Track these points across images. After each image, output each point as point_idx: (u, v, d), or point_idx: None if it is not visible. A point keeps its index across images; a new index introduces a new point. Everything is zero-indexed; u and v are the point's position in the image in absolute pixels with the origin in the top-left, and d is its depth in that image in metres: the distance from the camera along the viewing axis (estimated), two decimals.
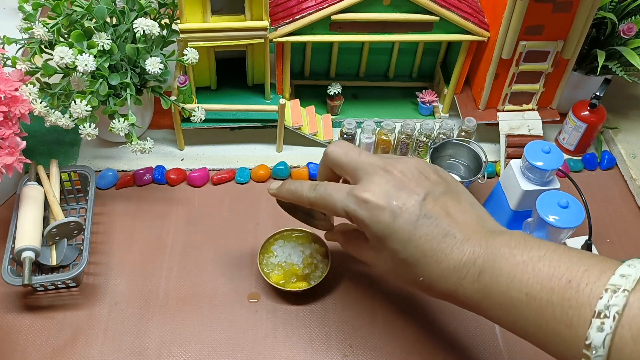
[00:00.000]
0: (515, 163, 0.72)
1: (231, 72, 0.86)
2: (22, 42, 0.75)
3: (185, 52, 0.74)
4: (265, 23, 0.75)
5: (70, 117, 0.71)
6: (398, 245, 0.51)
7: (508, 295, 0.47)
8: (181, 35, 0.74)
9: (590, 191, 0.83)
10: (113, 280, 0.71)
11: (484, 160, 0.77)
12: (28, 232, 0.67)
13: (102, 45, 0.70)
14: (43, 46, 0.74)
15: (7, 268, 0.65)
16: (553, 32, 0.77)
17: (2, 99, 0.67)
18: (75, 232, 0.70)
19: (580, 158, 0.89)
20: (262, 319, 0.69)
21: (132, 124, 0.72)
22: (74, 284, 0.69)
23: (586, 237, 0.73)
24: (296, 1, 0.78)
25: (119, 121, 0.71)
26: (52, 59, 0.69)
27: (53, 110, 0.71)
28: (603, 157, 0.88)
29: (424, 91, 0.91)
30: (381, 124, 0.84)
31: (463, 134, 0.84)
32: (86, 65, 0.67)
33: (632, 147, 0.89)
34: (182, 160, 0.85)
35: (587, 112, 0.83)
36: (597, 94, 0.82)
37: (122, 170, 0.83)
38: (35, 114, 0.70)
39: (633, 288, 0.41)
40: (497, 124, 0.85)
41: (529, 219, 0.69)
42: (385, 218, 0.51)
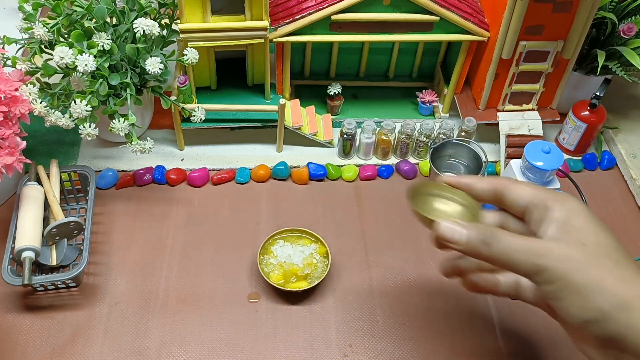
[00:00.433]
0: (515, 163, 0.72)
1: (231, 72, 0.86)
2: (22, 42, 0.75)
3: (185, 52, 0.74)
4: (265, 23, 0.75)
5: (70, 117, 0.71)
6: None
7: None
8: (181, 35, 0.74)
9: (590, 191, 0.83)
10: (113, 280, 0.71)
11: (484, 160, 0.77)
12: (28, 232, 0.67)
13: (102, 45, 0.70)
14: (43, 46, 0.74)
15: (7, 268, 0.65)
16: (553, 32, 0.77)
17: (2, 99, 0.67)
18: (75, 232, 0.70)
19: (580, 158, 0.89)
20: (262, 319, 0.69)
21: (132, 124, 0.72)
22: (74, 284, 0.69)
23: None
24: (296, 1, 0.78)
25: (119, 121, 0.71)
26: (52, 59, 0.69)
27: (53, 110, 0.71)
28: (603, 157, 0.88)
29: (424, 91, 0.91)
30: (381, 124, 0.84)
31: (463, 134, 0.84)
32: (86, 65, 0.67)
33: (632, 147, 0.89)
34: (182, 160, 0.85)
35: (587, 112, 0.83)
36: (597, 94, 0.82)
37: (122, 170, 0.83)
38: (35, 114, 0.70)
39: None
40: (497, 124, 0.85)
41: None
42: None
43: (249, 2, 0.73)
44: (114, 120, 0.71)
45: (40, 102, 0.70)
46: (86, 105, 0.69)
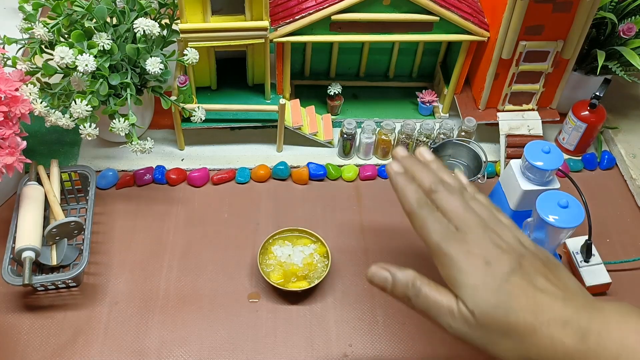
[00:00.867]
0: (515, 163, 0.72)
1: (231, 72, 0.86)
2: (23, 42, 0.75)
3: (185, 52, 0.74)
4: (266, 23, 0.75)
5: (70, 117, 0.71)
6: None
7: None
8: (181, 35, 0.74)
9: (590, 191, 0.83)
10: (113, 280, 0.71)
11: (484, 160, 0.77)
12: (28, 232, 0.67)
13: (103, 46, 0.70)
14: (43, 46, 0.74)
15: (8, 268, 0.65)
16: (553, 32, 0.77)
17: (3, 99, 0.67)
18: (76, 232, 0.70)
19: (580, 158, 0.89)
20: (262, 319, 0.69)
21: (133, 124, 0.72)
22: (74, 284, 0.70)
23: (586, 237, 0.73)
24: (296, 1, 0.78)
25: (119, 121, 0.71)
26: (53, 59, 0.69)
27: (53, 110, 0.71)
28: (603, 157, 0.88)
29: (424, 91, 0.91)
30: (381, 124, 0.84)
31: (463, 134, 0.84)
32: (86, 65, 0.67)
33: (632, 147, 0.89)
34: (182, 160, 0.85)
35: (587, 112, 0.83)
36: (597, 94, 0.82)
37: (123, 170, 0.83)
38: (35, 114, 0.70)
39: None
40: (497, 124, 0.85)
41: (529, 219, 0.69)
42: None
43: (249, 2, 0.74)
44: (114, 120, 0.71)
45: (41, 102, 0.70)
46: (86, 105, 0.69)
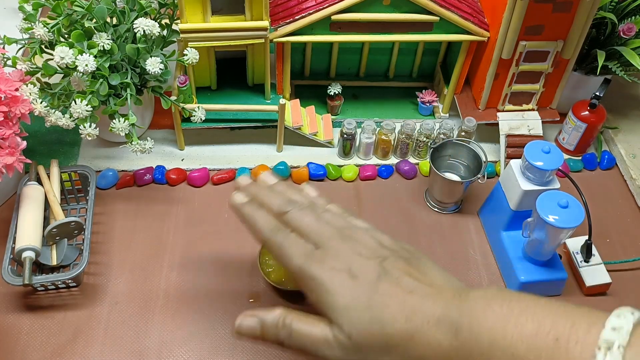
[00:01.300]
0: (515, 163, 0.72)
1: (231, 72, 0.86)
2: (23, 42, 0.75)
3: (185, 52, 0.74)
4: (266, 23, 0.75)
5: (70, 117, 0.71)
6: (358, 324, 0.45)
7: (491, 356, 0.41)
8: (181, 35, 0.74)
9: (590, 191, 0.83)
10: (113, 280, 0.71)
11: (484, 160, 0.77)
12: (28, 232, 0.67)
13: (103, 46, 0.70)
14: (43, 46, 0.74)
15: (8, 268, 0.65)
16: (553, 32, 0.77)
17: (3, 99, 0.67)
18: (76, 232, 0.70)
19: (580, 158, 0.89)
20: None
21: (133, 124, 0.72)
22: (74, 284, 0.69)
23: (586, 237, 0.73)
24: (296, 1, 0.78)
25: (119, 121, 0.71)
26: (53, 59, 0.69)
27: (53, 110, 0.71)
28: (603, 157, 0.88)
29: (424, 91, 0.91)
30: (381, 124, 0.84)
31: (463, 134, 0.84)
32: (86, 65, 0.67)
33: (632, 147, 0.89)
34: (182, 160, 0.85)
35: (587, 112, 0.83)
36: (597, 94, 0.82)
37: (123, 170, 0.83)
38: (35, 114, 0.70)
39: (628, 342, 0.37)
40: (497, 124, 0.86)
41: (528, 219, 0.69)
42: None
43: (249, 2, 0.74)
44: (114, 120, 0.71)
45: (41, 102, 0.70)
46: (86, 105, 0.69)
